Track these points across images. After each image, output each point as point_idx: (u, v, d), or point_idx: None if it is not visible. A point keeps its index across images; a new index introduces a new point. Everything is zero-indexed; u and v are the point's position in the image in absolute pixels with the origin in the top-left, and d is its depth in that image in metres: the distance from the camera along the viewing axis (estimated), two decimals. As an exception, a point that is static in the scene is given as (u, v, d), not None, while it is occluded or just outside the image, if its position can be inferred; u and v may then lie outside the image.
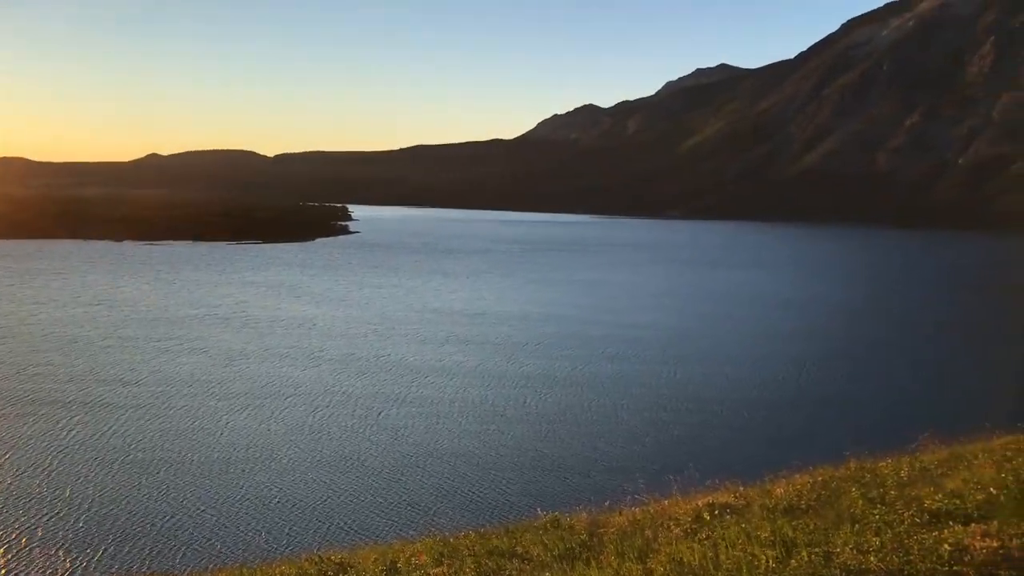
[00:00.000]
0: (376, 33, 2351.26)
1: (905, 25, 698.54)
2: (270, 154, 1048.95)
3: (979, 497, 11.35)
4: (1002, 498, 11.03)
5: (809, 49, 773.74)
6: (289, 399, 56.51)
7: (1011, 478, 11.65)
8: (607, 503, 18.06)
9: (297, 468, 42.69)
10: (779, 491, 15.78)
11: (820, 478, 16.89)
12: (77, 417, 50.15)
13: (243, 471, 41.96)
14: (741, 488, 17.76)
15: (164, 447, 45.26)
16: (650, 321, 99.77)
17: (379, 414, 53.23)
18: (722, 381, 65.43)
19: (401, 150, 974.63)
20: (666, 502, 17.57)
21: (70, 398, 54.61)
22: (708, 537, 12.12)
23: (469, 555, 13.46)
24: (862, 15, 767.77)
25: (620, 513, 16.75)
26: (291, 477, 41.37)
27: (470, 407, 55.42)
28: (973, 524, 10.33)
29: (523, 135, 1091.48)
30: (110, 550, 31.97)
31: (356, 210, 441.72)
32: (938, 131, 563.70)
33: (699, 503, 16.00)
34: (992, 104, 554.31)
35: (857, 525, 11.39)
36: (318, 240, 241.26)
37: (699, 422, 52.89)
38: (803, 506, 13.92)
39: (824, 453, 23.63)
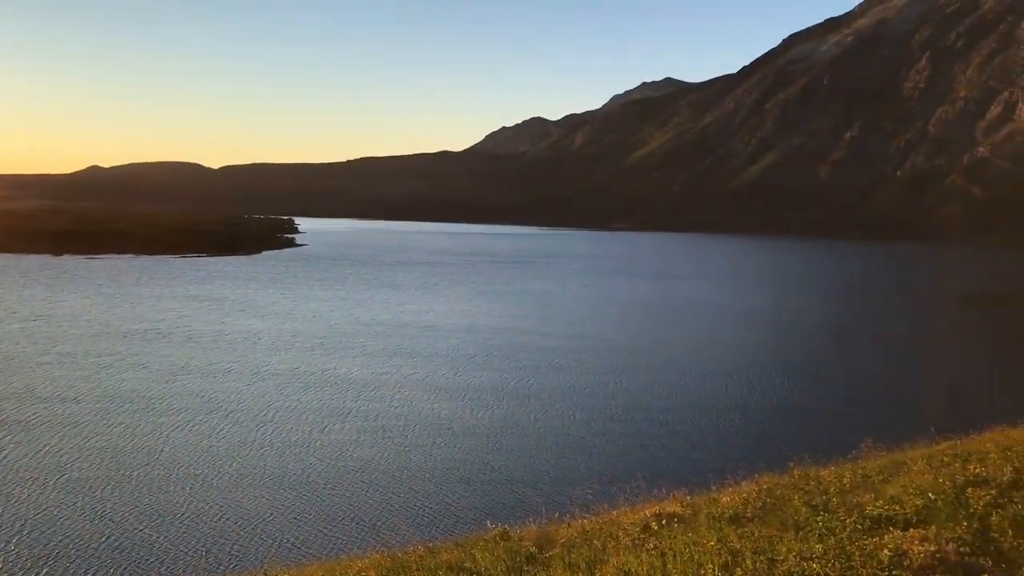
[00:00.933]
0: (322, 44, 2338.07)
1: (844, 41, 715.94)
2: (215, 166, 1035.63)
3: (917, 502, 11.56)
4: (939, 503, 11.26)
5: (751, 64, 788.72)
6: (233, 414, 55.58)
7: (947, 483, 11.89)
8: (556, 515, 18.05)
9: (241, 484, 41.95)
10: (725, 500, 15.91)
11: (765, 486, 17.07)
12: (12, 436, 48.68)
13: (186, 488, 41.10)
14: (688, 497, 17.88)
15: (103, 465, 44.13)
16: (597, 332, 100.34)
17: (325, 429, 52.61)
18: (668, 390, 66.00)
19: (348, 162, 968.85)
20: (615, 512, 17.62)
21: (5, 416, 53.02)
22: (656, 547, 12.16)
23: (418, 570, 13.34)
24: (802, 31, 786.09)
25: (569, 525, 16.76)
26: (235, 494, 40.63)
27: (418, 420, 55.07)
28: (912, 529, 10.51)
29: (472, 147, 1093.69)
30: (43, 574, 31.02)
31: (303, 222, 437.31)
32: (876, 144, 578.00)
33: (647, 513, 16.06)
34: (928, 118, 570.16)
35: (801, 532, 11.51)
36: (264, 253, 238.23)
37: (647, 432, 53.22)
38: (748, 514, 14.04)
39: (769, 461, 23.92)
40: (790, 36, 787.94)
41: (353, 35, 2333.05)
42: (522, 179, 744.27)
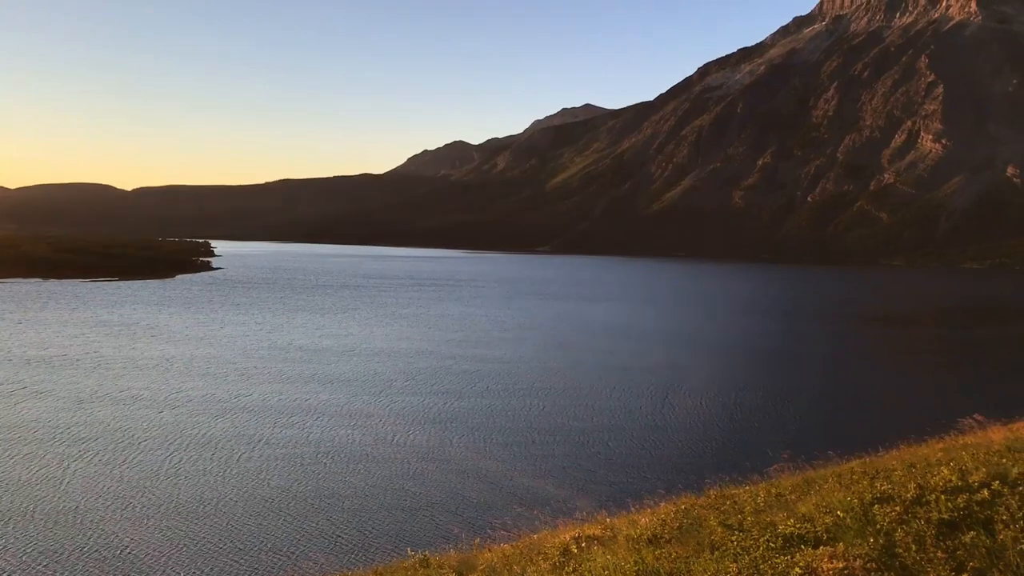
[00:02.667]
0: (240, 66, 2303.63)
1: (756, 70, 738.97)
2: (127, 187, 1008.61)
3: (827, 520, 11.76)
4: (848, 520, 11.46)
5: (668, 91, 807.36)
6: (143, 443, 53.73)
7: (856, 501, 12.13)
8: (477, 540, 17.86)
9: (152, 516, 40.48)
10: (644, 521, 15.95)
11: (683, 506, 17.18)
12: (-97, 470, 46.10)
13: (93, 521, 39.45)
14: (608, 519, 17.89)
15: (3, 499, 42.09)
16: (517, 354, 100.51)
17: (240, 457, 51.26)
18: (587, 412, 66.36)
19: (267, 184, 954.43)
20: (535, 536, 17.52)
21: None
22: (575, 570, 12.11)
23: (333, 601, 12.98)
24: (716, 59, 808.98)
25: (490, 550, 16.60)
26: (145, 526, 39.18)
27: (335, 447, 54.11)
28: (822, 547, 10.68)
29: (393, 170, 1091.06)
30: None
31: (219, 245, 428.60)
32: (788, 170, 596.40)
33: (567, 536, 16.01)
34: (837, 145, 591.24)
35: (716, 552, 11.60)
36: (178, 277, 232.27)
37: (566, 453, 53.34)
38: (666, 535, 14.09)
39: (687, 481, 24.16)
40: (705, 65, 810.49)
41: (271, 57, 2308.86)
42: (444, 202, 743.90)
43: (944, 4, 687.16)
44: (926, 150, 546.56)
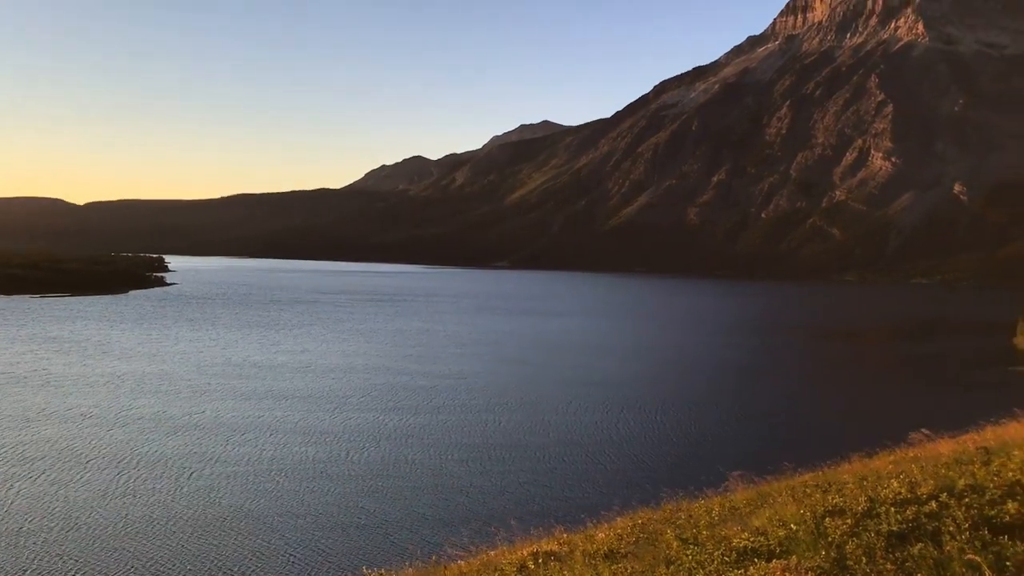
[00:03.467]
0: (194, 78, 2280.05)
1: (711, 88, 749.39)
2: (80, 202, 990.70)
3: (781, 533, 11.84)
4: (800, 533, 11.55)
5: (624, 108, 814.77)
6: (92, 462, 52.57)
7: (808, 513, 12.23)
8: (433, 558, 17.71)
9: (100, 537, 39.57)
10: (601, 536, 15.91)
11: (639, 521, 17.19)
12: None
13: (37, 543, 38.45)
14: (565, 535, 17.85)
15: (-55, 521, 40.86)
16: (474, 370, 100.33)
17: (192, 475, 50.37)
18: (544, 427, 66.39)
19: (223, 199, 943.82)
20: (492, 553, 17.40)
21: None
22: (532, 587, 12.01)
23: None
24: (672, 78, 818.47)
25: (446, 567, 16.44)
26: (93, 547, 38.29)
27: (290, 465, 53.44)
28: (775, 560, 10.74)
29: (351, 185, 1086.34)
30: None
31: (174, 261, 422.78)
32: (742, 187, 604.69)
33: (525, 552, 15.90)
34: (790, 163, 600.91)
35: (672, 566, 11.61)
36: (132, 293, 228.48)
37: (524, 469, 53.25)
38: (623, 550, 14.07)
39: (643, 495, 24.21)
40: (661, 83, 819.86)
41: (225, 69, 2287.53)
42: (402, 218, 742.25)
43: (893, 25, 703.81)
44: (876, 168, 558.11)
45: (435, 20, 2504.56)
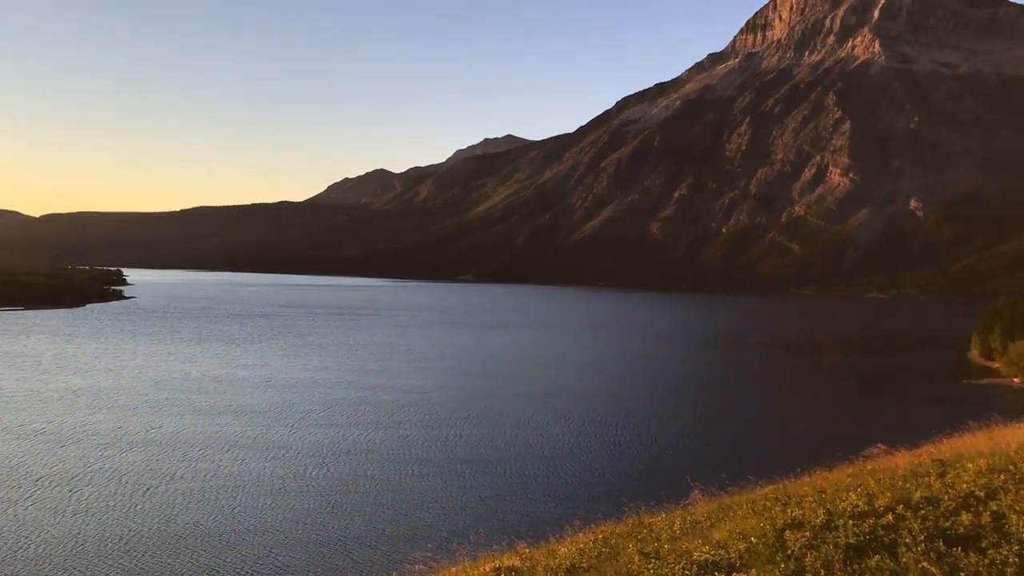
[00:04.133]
0: (155, 89, 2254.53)
1: (672, 104, 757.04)
2: (36, 214, 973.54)
3: (741, 546, 11.84)
4: (760, 547, 11.57)
5: (588, 123, 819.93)
6: (46, 480, 51.40)
7: (768, 527, 12.26)
8: (395, 574, 17.54)
9: (51, 556, 38.64)
10: (563, 551, 15.81)
11: (601, 535, 17.13)
12: None
13: (-13, 564, 37.44)
14: (527, 550, 17.73)
15: None
16: (437, 384, 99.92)
17: (148, 492, 49.45)
18: (506, 441, 66.23)
19: (183, 211, 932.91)
20: (454, 569, 17.25)
21: None
22: (492, 603, 11.90)
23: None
24: (634, 94, 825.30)
25: (408, 584, 16.25)
26: (45, 567, 37.38)
27: (250, 481, 52.69)
28: (735, 573, 10.75)
29: (313, 198, 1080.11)
30: None
31: (133, 274, 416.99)
32: (703, 202, 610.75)
33: (487, 568, 15.76)
34: (750, 178, 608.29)
35: (633, 581, 11.56)
36: (89, 306, 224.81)
37: (485, 484, 53.00)
38: (585, 565, 14.00)
39: (606, 509, 24.18)
40: (623, 98, 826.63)
41: (188, 80, 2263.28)
42: (365, 231, 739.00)
43: (850, 44, 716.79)
44: (834, 184, 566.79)
45: (398, 34, 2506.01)
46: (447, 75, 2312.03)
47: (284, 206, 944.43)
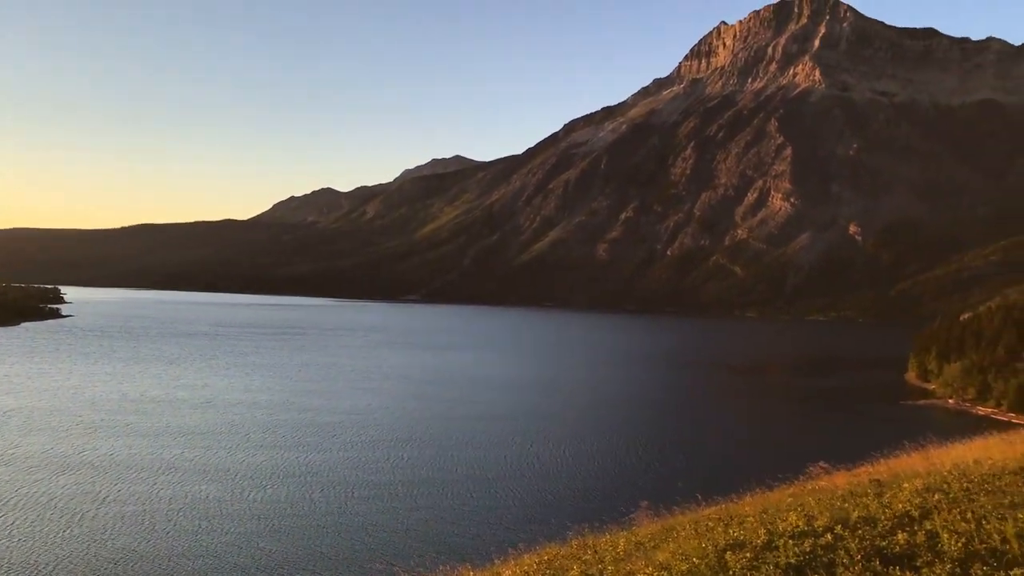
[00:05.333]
0: (96, 100, 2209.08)
1: (619, 128, 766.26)
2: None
3: (683, 567, 11.82)
4: (702, 567, 11.56)
5: (536, 145, 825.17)
6: (-28, 504, 49.56)
7: (710, 547, 12.26)
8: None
9: (-23, 585, 37.21)
10: (508, 573, 15.64)
11: (546, 557, 16.99)
12: None
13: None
14: (471, 572, 17.53)
15: None
16: (381, 405, 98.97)
17: (82, 516, 47.95)
18: (449, 463, 65.74)
19: (123, 229, 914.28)
20: (395, 594, 16.98)
21: None
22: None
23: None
24: (581, 117, 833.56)
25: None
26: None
27: (187, 504, 51.42)
28: (677, 595, 10.71)
29: (258, 216, 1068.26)
30: None
31: (71, 292, 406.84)
32: (649, 225, 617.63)
33: (428, 592, 15.54)
34: (694, 202, 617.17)
35: (575, 604, 11.44)
36: (23, 325, 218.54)
37: (430, 506, 52.47)
38: (529, 587, 13.85)
39: (550, 531, 24.01)
40: (570, 121, 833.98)
41: (128, 96, 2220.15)
42: (311, 250, 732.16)
43: (792, 71, 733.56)
44: (776, 208, 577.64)
45: (347, 53, 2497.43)
46: (395, 95, 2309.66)
47: (228, 224, 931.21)
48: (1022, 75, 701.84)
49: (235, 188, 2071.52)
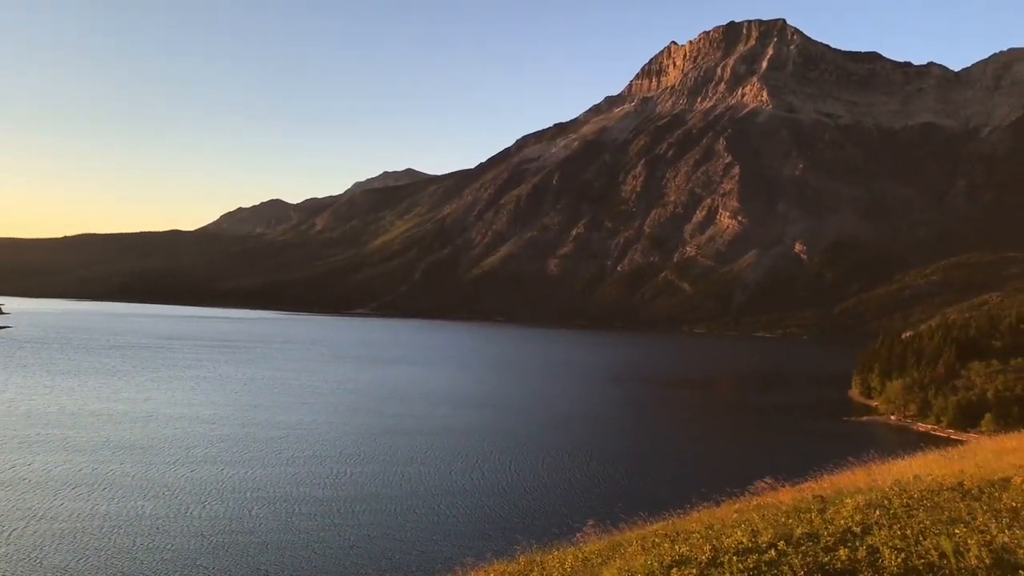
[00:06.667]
0: (38, 105, 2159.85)
1: (571, 144, 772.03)
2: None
3: (628, 584, 11.76)
4: (647, 584, 11.51)
5: (488, 160, 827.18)
6: (-102, 522, 47.70)
7: (656, 564, 12.22)
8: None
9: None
10: (453, 592, 15.45)
11: (493, 574, 16.84)
12: None
13: None
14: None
15: None
16: (327, 420, 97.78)
17: (12, 534, 46.42)
18: (396, 478, 65.07)
19: (65, 238, 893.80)
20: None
21: None
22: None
23: None
24: (533, 133, 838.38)
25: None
26: None
27: (126, 521, 50.08)
28: (621, 613, 10.64)
29: (205, 227, 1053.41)
30: None
31: (8, 302, 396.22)
32: (600, 241, 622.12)
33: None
34: (644, 219, 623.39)
35: (520, 622, 11.32)
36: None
37: (375, 522, 51.80)
38: (473, 606, 13.68)
39: (497, 547, 23.79)
40: (523, 137, 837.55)
41: (71, 100, 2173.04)
42: (259, 262, 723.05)
43: (740, 92, 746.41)
44: (724, 226, 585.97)
45: (298, 64, 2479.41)
46: (346, 107, 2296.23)
47: (174, 235, 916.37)
48: (960, 100, 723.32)
49: (182, 198, 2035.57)
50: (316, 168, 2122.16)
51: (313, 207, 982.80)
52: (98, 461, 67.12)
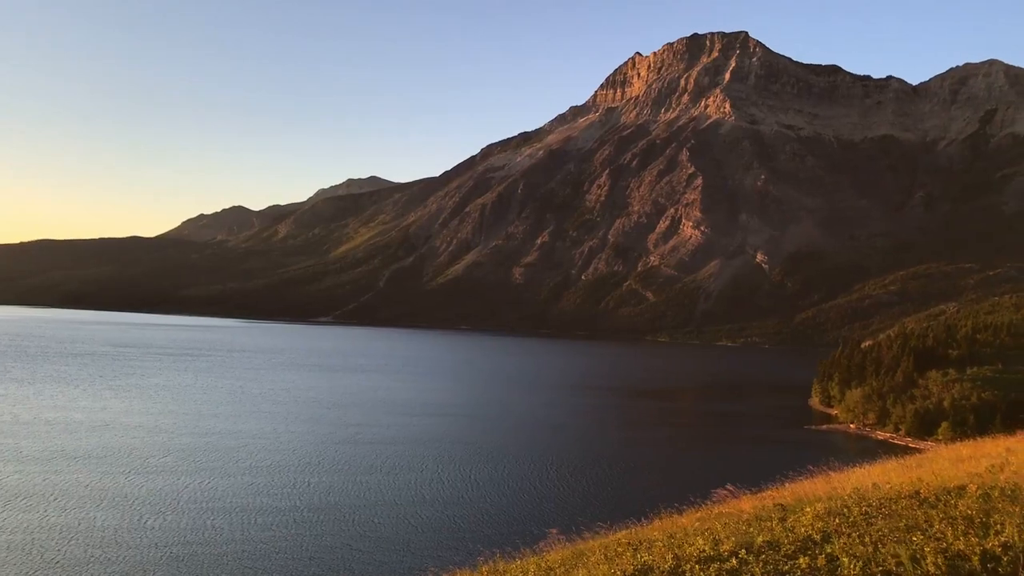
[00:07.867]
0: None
1: (536, 154, 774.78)
2: None
3: (591, 594, 11.74)
4: (609, 593, 11.50)
5: (453, 168, 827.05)
6: None
7: (618, 573, 12.21)
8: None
9: None
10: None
11: (455, 585, 16.72)
12: None
13: None
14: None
15: None
16: (288, 429, 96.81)
17: (-36, 546, 45.31)
18: (356, 488, 64.54)
19: (21, 244, 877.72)
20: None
21: None
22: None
23: None
24: (499, 142, 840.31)
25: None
26: None
27: (81, 532, 49.09)
28: (583, 623, 10.60)
29: (165, 233, 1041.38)
30: None
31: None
32: (564, 250, 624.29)
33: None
34: (608, 228, 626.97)
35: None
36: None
37: (334, 532, 51.28)
38: (433, 617, 13.55)
39: (459, 558, 23.66)
40: (488, 146, 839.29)
41: (29, 102, 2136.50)
42: (220, 269, 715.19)
43: (703, 103, 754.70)
44: (687, 236, 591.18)
45: (260, 69, 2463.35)
46: (309, 113, 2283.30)
47: (134, 241, 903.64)
48: (918, 113, 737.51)
49: (142, 204, 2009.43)
50: (279, 175, 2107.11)
51: (276, 214, 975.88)
52: (52, 471, 65.80)
